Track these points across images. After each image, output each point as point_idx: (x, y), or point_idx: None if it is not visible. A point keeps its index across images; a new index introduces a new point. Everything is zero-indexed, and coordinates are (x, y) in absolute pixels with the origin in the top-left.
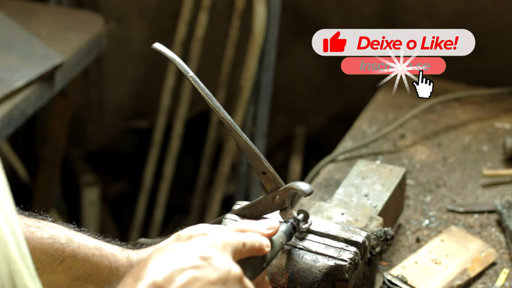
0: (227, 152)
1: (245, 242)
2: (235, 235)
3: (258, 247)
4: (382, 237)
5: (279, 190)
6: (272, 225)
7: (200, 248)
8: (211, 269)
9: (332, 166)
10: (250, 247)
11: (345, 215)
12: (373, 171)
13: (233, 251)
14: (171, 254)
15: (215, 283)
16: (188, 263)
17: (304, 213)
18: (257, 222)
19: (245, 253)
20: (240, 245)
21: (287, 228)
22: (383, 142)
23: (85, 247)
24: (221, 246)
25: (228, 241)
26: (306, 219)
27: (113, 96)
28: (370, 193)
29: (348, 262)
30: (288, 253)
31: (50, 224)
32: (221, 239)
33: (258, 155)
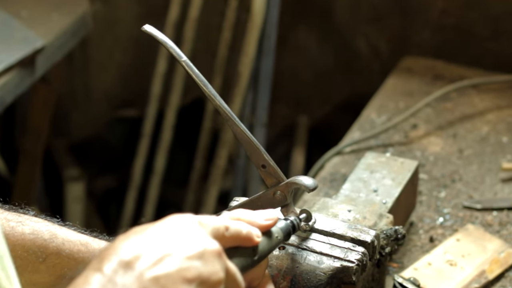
0: (223, 144)
1: (229, 226)
2: (218, 218)
3: (245, 235)
4: (393, 236)
5: (280, 185)
6: (271, 216)
7: (173, 225)
8: (184, 244)
9: (338, 159)
10: (235, 233)
11: (352, 212)
12: (383, 164)
13: (213, 232)
14: (139, 233)
15: (190, 258)
16: (158, 239)
17: (307, 213)
18: (254, 212)
19: (228, 239)
20: (221, 228)
21: (285, 226)
22: (393, 132)
23: (70, 242)
24: (198, 223)
25: (207, 220)
26: (308, 220)
27: (99, 83)
28: (380, 189)
29: (355, 263)
30: (290, 254)
31: (32, 218)
32: (198, 218)
33: (257, 147)
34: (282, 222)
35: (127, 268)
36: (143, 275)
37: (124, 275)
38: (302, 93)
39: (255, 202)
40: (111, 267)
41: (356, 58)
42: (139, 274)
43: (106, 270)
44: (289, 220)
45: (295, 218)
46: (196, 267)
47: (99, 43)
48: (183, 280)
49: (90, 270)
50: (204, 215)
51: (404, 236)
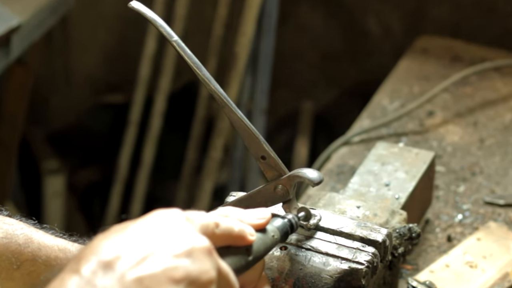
0: (219, 133)
1: (219, 222)
2: (207, 214)
3: (238, 233)
4: (406, 235)
5: (281, 179)
6: (263, 215)
7: (157, 221)
8: (170, 241)
9: (346, 149)
10: (226, 230)
11: (362, 209)
12: (395, 155)
13: (202, 229)
14: (120, 232)
15: (177, 256)
16: (141, 237)
17: (305, 212)
18: (245, 210)
19: (219, 237)
20: (211, 225)
21: (282, 225)
22: (407, 120)
23: (47, 248)
24: (185, 219)
25: (195, 216)
26: (308, 219)
27: (81, 65)
28: (392, 182)
29: (365, 265)
30: (293, 255)
31: (5, 219)
32: (185, 213)
33: (256, 136)
34: (279, 220)
35: (107, 269)
36: (125, 276)
37: (104, 276)
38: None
39: (254, 198)
40: (90, 268)
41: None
42: (120, 275)
43: (84, 271)
44: (287, 219)
45: (293, 216)
46: (184, 266)
47: (81, 21)
48: (170, 280)
49: (67, 272)
50: (192, 210)
51: (419, 235)
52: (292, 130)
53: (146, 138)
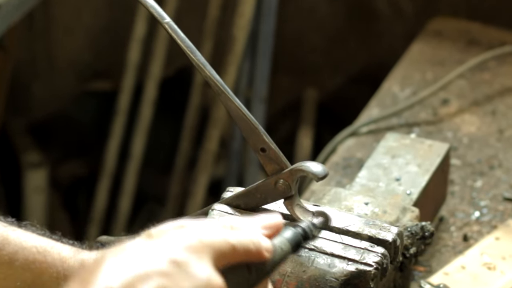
0: (214, 123)
1: (235, 244)
2: (221, 233)
3: (255, 252)
4: (419, 234)
5: (283, 173)
6: (271, 223)
7: (171, 249)
8: (183, 277)
9: (353, 140)
10: (243, 251)
11: (370, 206)
12: (407, 147)
13: (216, 255)
14: (132, 255)
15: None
16: (153, 268)
17: (324, 217)
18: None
19: (234, 258)
20: (227, 248)
21: (293, 236)
22: (419, 109)
23: (25, 250)
24: (200, 248)
25: (210, 240)
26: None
27: (65, 49)
28: (403, 177)
29: (373, 267)
30: (295, 256)
31: None
32: (200, 237)
33: (256, 127)
34: (289, 231)
35: None
36: None
37: None
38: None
39: (253, 193)
40: None
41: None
42: None
43: None
44: (300, 228)
45: (308, 224)
46: None
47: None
48: None
49: None
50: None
51: (432, 234)
52: (294, 120)
53: (135, 128)
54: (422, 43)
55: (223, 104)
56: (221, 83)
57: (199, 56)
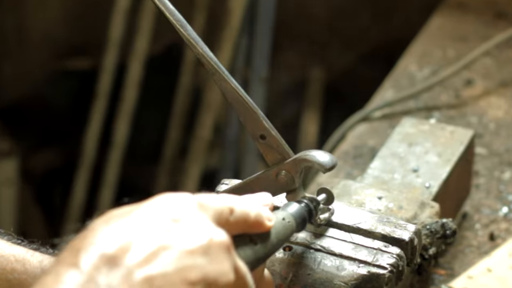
0: (208, 107)
1: (234, 207)
2: (220, 198)
3: (254, 220)
4: (439, 232)
5: (285, 163)
6: (264, 200)
7: (166, 208)
8: (185, 234)
9: (365, 126)
10: (241, 217)
11: (384, 200)
12: (426, 134)
13: (216, 217)
14: (124, 218)
15: (192, 252)
16: (149, 227)
17: (327, 194)
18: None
19: (233, 225)
20: (225, 211)
21: (298, 210)
22: (440, 91)
23: (1, 258)
24: (198, 206)
25: (208, 201)
26: (329, 203)
27: (38, 23)
28: (421, 168)
29: (388, 269)
30: (299, 257)
31: None
32: (198, 200)
33: (255, 111)
34: (294, 205)
35: (111, 264)
36: (133, 274)
37: (109, 273)
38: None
39: (251, 186)
40: (91, 262)
41: None
42: (127, 272)
43: (85, 265)
44: (303, 203)
45: (310, 200)
46: (200, 265)
47: None
48: (184, 282)
49: (63, 265)
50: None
51: (454, 233)
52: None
53: (118, 113)
54: (443, 16)
55: (218, 85)
56: (215, 62)
57: (190, 31)
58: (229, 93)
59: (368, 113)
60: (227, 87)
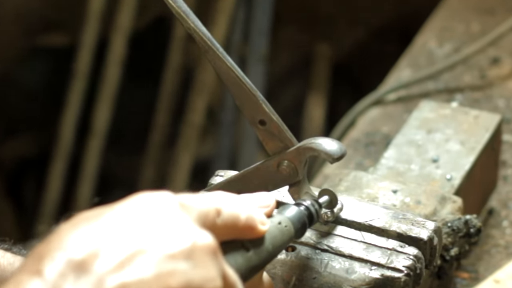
0: (200, 89)
1: (221, 208)
2: (206, 198)
3: (245, 223)
4: (462, 230)
5: (287, 152)
6: (265, 201)
7: (143, 209)
8: (165, 236)
9: (377, 111)
10: (230, 219)
11: (400, 194)
12: (447, 119)
13: (200, 218)
14: (94, 220)
15: (173, 256)
16: (124, 229)
17: (330, 195)
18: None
19: (221, 228)
20: (212, 212)
21: (297, 214)
22: (463, 70)
23: None
24: (180, 207)
25: (191, 201)
26: (333, 206)
27: None
28: (442, 157)
29: (404, 273)
30: (304, 259)
31: None
32: (180, 200)
33: (253, 93)
34: (293, 208)
35: (79, 271)
36: (104, 281)
37: (76, 281)
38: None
39: (250, 178)
40: (57, 270)
41: None
42: (97, 279)
43: (49, 273)
44: (303, 206)
45: (312, 202)
46: (182, 270)
47: None
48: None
49: (25, 273)
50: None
51: (479, 231)
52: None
53: (99, 95)
54: None
55: (211, 64)
56: (208, 37)
57: (180, 3)
58: (224, 73)
59: (382, 95)
60: (221, 66)
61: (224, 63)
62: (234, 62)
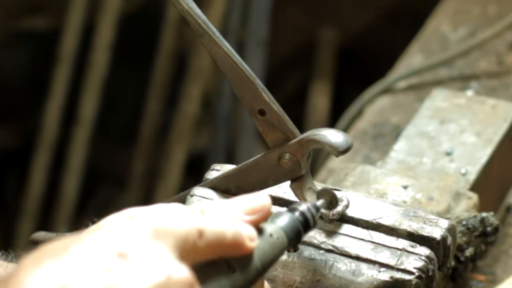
0: (194, 76)
1: (204, 229)
2: (185, 218)
3: (232, 240)
4: (478, 229)
5: (289, 145)
6: (256, 205)
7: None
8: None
9: (387, 100)
10: (215, 238)
11: (410, 190)
12: (461, 109)
13: (178, 244)
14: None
15: None
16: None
17: (329, 197)
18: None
19: (204, 249)
20: (192, 235)
21: (290, 222)
22: (478, 56)
23: None
24: (155, 235)
25: (169, 227)
26: (332, 208)
27: None
28: (456, 150)
29: (415, 275)
30: (307, 260)
31: None
32: (155, 225)
33: (252, 81)
34: (285, 216)
35: None
36: None
37: None
38: None
39: (248, 173)
40: None
41: None
42: None
43: None
44: (298, 212)
45: (309, 207)
46: None
47: None
48: None
49: None
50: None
51: (496, 230)
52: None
53: (85, 83)
54: None
55: (207, 49)
56: (203, 20)
57: None
58: (221, 59)
59: (391, 83)
60: (218, 52)
61: (221, 48)
62: (232, 47)
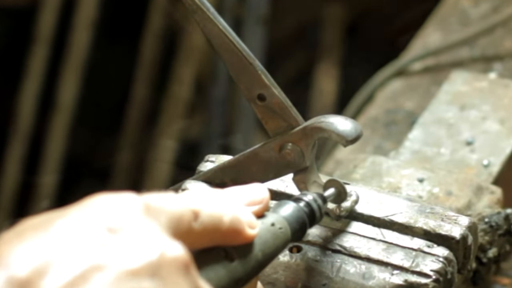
0: (186, 56)
1: (200, 210)
2: (179, 198)
3: (229, 226)
4: (502, 227)
5: (292, 133)
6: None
7: (103, 215)
8: (126, 249)
9: (400, 83)
10: (211, 222)
11: (427, 184)
12: (483, 94)
13: (172, 224)
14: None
15: (136, 273)
16: (78, 241)
17: (338, 188)
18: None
19: (199, 234)
20: (187, 215)
21: (295, 212)
22: (503, 35)
23: None
24: (145, 210)
25: (160, 202)
26: (341, 201)
27: None
28: (477, 139)
29: (432, 278)
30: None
31: None
32: (147, 202)
33: (251, 63)
34: (290, 205)
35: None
36: None
37: None
38: None
39: (246, 165)
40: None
41: None
42: None
43: None
44: (303, 202)
45: (315, 197)
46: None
47: None
48: None
49: None
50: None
51: None
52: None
53: (65, 64)
54: None
55: (200, 27)
56: None
57: None
58: (216, 38)
59: (405, 64)
60: (213, 30)
61: (216, 26)
62: (228, 25)
